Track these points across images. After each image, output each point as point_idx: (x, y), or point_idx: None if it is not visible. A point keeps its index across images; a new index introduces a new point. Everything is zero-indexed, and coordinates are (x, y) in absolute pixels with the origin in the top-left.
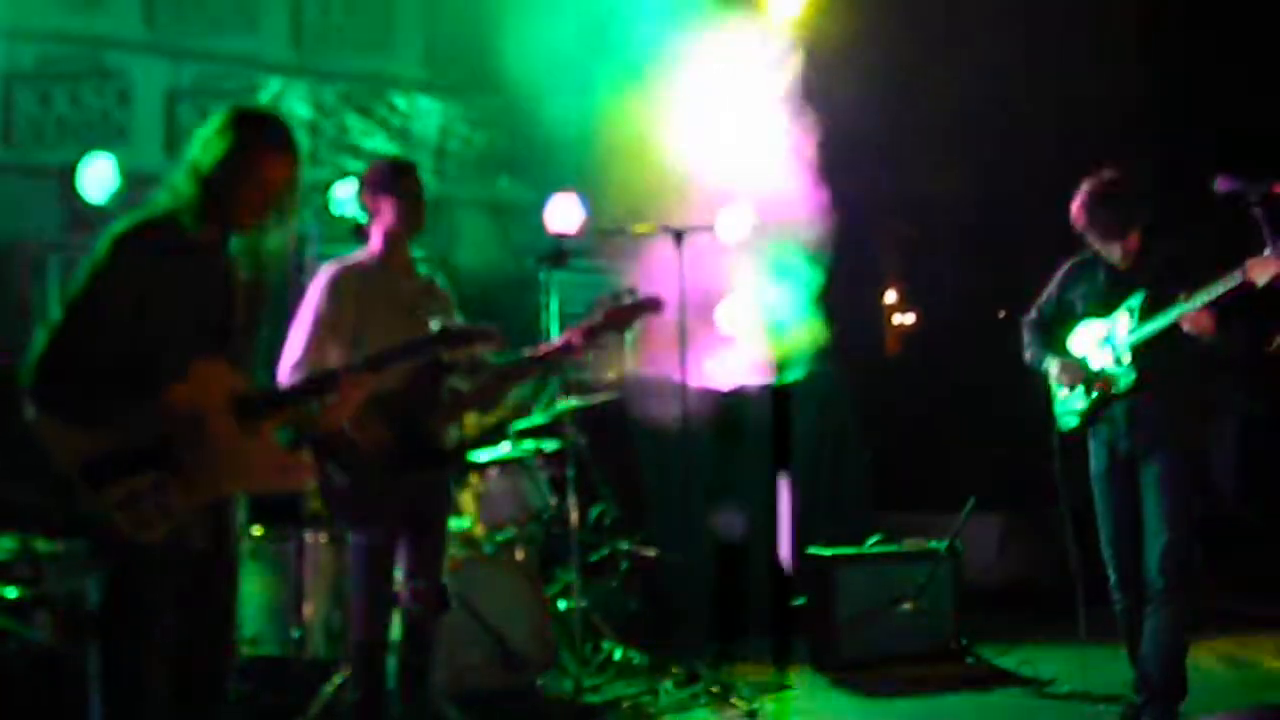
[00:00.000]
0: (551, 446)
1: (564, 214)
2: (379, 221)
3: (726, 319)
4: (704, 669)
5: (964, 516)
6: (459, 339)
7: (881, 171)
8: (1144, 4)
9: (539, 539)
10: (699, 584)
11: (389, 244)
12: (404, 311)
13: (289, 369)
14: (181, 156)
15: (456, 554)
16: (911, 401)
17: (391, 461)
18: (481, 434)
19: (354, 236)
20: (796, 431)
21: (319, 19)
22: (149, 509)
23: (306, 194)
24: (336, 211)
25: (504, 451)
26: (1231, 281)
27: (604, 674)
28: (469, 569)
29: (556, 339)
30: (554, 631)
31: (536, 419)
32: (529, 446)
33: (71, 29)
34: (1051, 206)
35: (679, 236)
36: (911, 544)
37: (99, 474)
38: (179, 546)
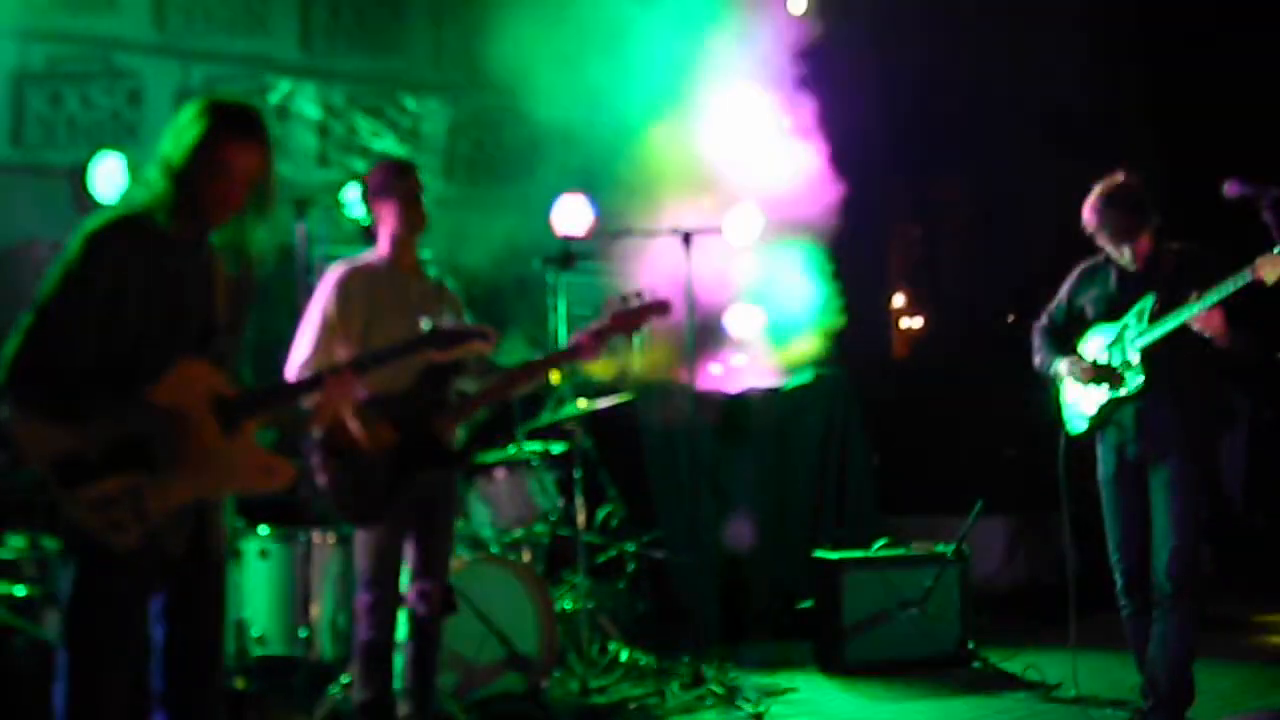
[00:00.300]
0: (559, 448)
1: (572, 216)
2: (383, 223)
3: (735, 322)
4: (710, 671)
5: (971, 520)
6: (450, 339)
7: (891, 175)
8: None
9: (546, 540)
10: (705, 586)
11: (395, 246)
12: (411, 313)
13: (296, 368)
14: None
15: (463, 555)
16: (919, 405)
17: (398, 462)
18: (487, 434)
19: (363, 238)
20: (804, 435)
21: (328, 20)
22: (122, 512)
23: (316, 195)
24: (346, 213)
25: (511, 453)
26: (1241, 280)
27: (610, 675)
28: (476, 570)
29: (565, 341)
30: (560, 633)
31: (544, 420)
32: (536, 448)
33: (82, 29)
34: (1062, 210)
35: (687, 238)
36: (919, 547)
37: (72, 475)
38: (154, 549)
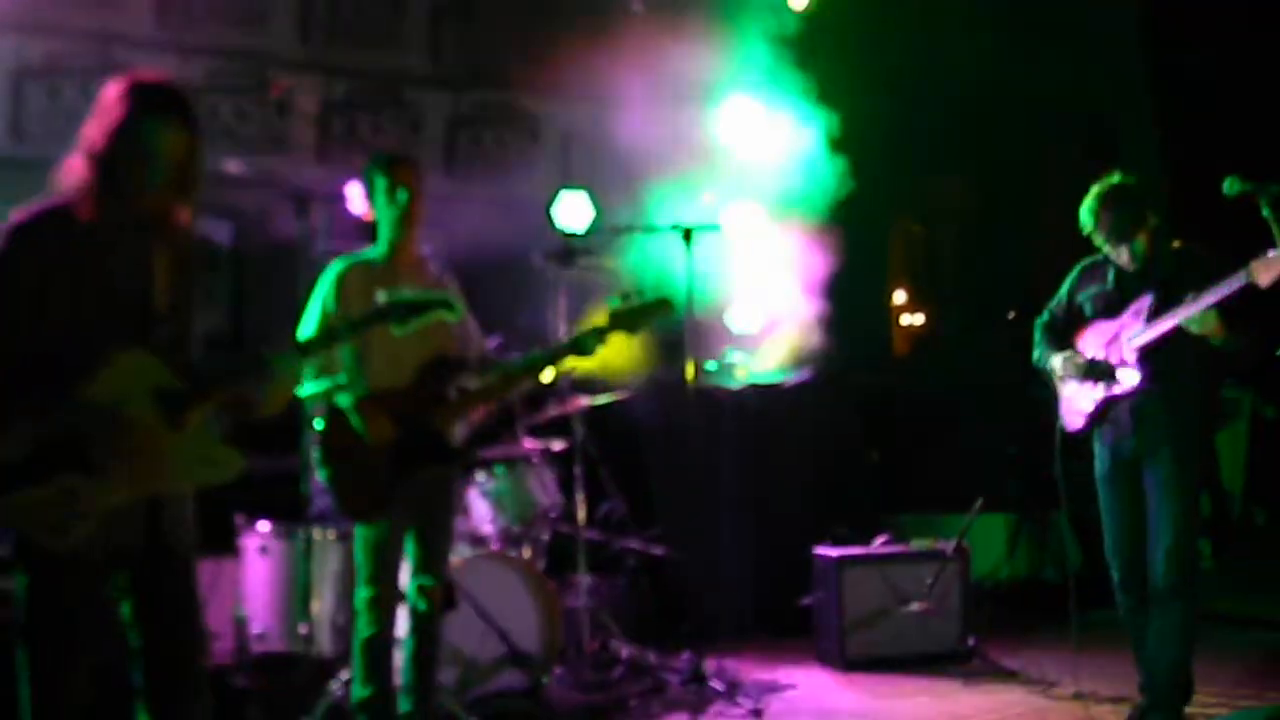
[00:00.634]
0: (559, 444)
1: (573, 211)
2: (382, 219)
3: (735, 318)
4: (710, 667)
5: (972, 517)
6: (407, 310)
7: (891, 171)
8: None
9: (546, 537)
10: (706, 582)
11: (393, 240)
12: None
13: None
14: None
15: (463, 551)
16: (919, 402)
17: (398, 458)
18: (488, 431)
19: (363, 233)
20: (804, 431)
21: (328, 15)
22: (59, 514)
23: (317, 191)
24: (347, 209)
25: (512, 449)
26: (1235, 283)
27: (610, 672)
28: (476, 566)
29: (566, 339)
30: (561, 629)
31: (545, 417)
32: (537, 444)
33: (81, 25)
34: (1063, 207)
35: (688, 235)
36: (919, 544)
37: (5, 482)
38: (103, 548)
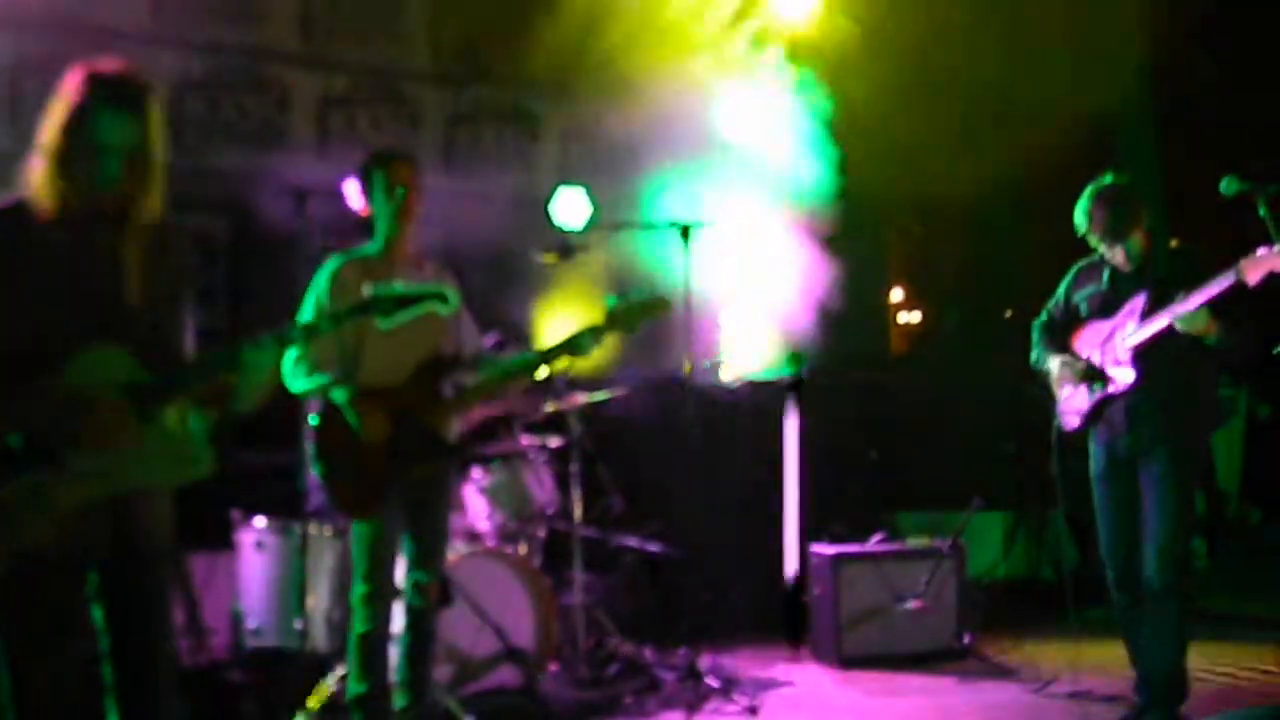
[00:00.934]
0: (556, 441)
1: (571, 208)
2: (379, 214)
3: (732, 315)
4: (706, 664)
5: (968, 515)
6: (394, 303)
7: (890, 169)
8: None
9: (542, 534)
10: (702, 580)
11: (390, 236)
12: None
13: (290, 359)
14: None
15: (459, 548)
16: (916, 400)
17: (393, 455)
18: (484, 428)
19: (360, 229)
20: (801, 429)
21: (328, 10)
22: (25, 512)
23: (315, 187)
24: (346, 204)
25: (508, 446)
26: (1225, 281)
27: (606, 669)
28: (471, 563)
29: (562, 337)
30: (556, 626)
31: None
32: (533, 441)
33: (80, 20)
34: (1060, 206)
35: (685, 232)
36: (915, 542)
37: None
38: (70, 545)
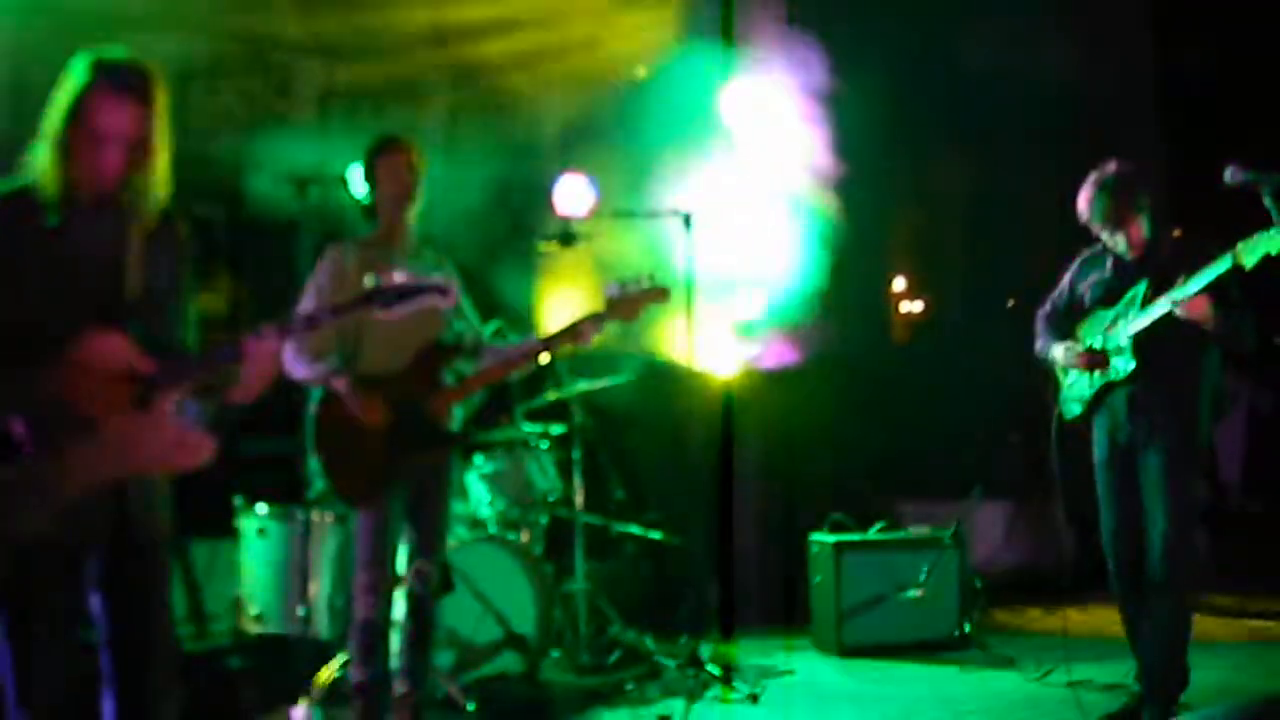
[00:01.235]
0: (558, 429)
1: (573, 196)
2: (380, 200)
3: (734, 304)
4: (707, 652)
5: (970, 504)
6: (396, 295)
7: (891, 158)
8: None
9: (544, 521)
10: (703, 567)
11: (391, 222)
12: None
13: (291, 347)
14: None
15: (461, 535)
16: (918, 389)
17: (394, 443)
18: (485, 415)
19: (364, 217)
20: (802, 417)
21: None
22: (20, 498)
23: (317, 174)
24: (348, 191)
25: (510, 433)
26: (1222, 265)
27: (607, 656)
28: (473, 550)
29: (563, 324)
30: (558, 613)
31: (543, 401)
32: (535, 429)
33: (82, 6)
34: (1064, 195)
35: (687, 220)
36: (916, 531)
37: None
38: (69, 533)
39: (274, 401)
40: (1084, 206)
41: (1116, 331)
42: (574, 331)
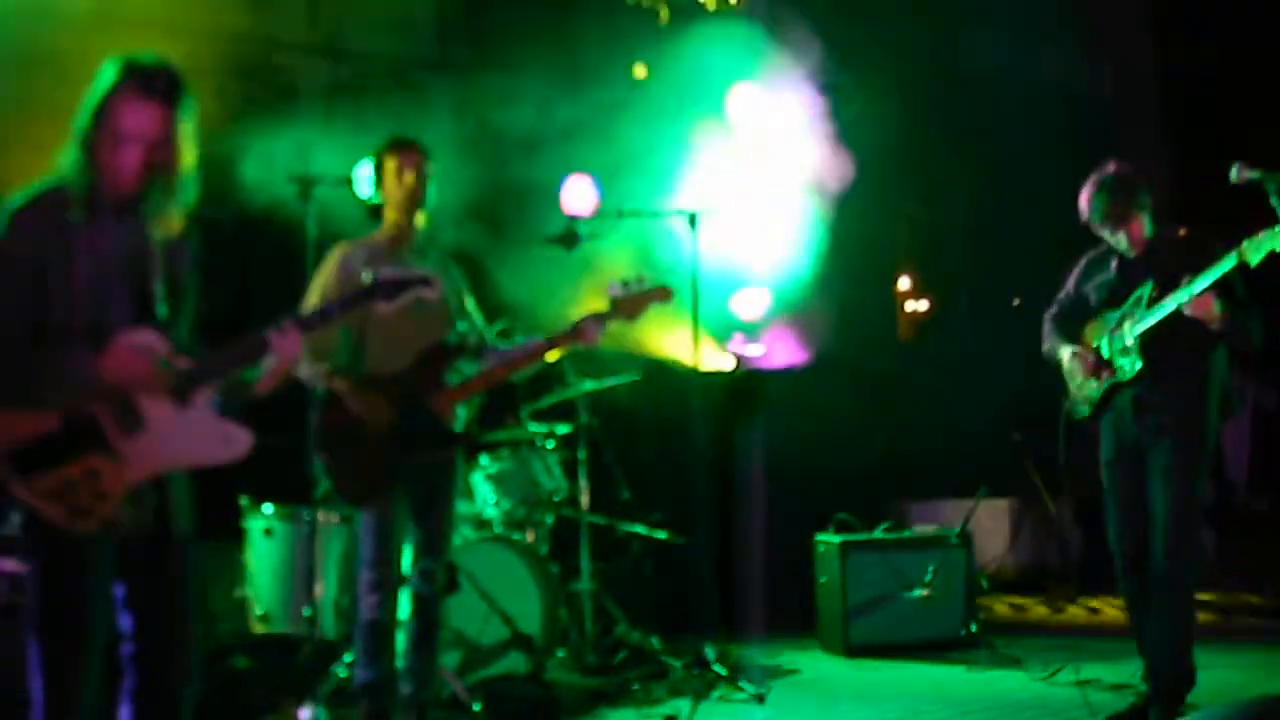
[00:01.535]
0: (563, 429)
1: (578, 196)
2: (386, 200)
3: (740, 303)
4: (713, 652)
5: (976, 503)
6: (394, 288)
7: (897, 157)
8: None
9: (549, 521)
10: (709, 567)
11: (397, 223)
12: None
13: None
14: None
15: (467, 535)
16: (924, 388)
17: (397, 442)
18: (490, 415)
19: (370, 216)
20: (808, 417)
21: None
22: (83, 496)
23: (323, 174)
24: (354, 192)
25: (515, 433)
26: (1228, 263)
27: (613, 656)
28: (479, 550)
29: (567, 324)
30: (563, 613)
31: (549, 401)
32: (540, 428)
33: (88, 7)
34: (1069, 194)
35: (693, 220)
36: (922, 530)
37: (27, 464)
38: (116, 531)
39: (279, 400)
40: (1085, 206)
41: (1123, 332)
42: (578, 331)
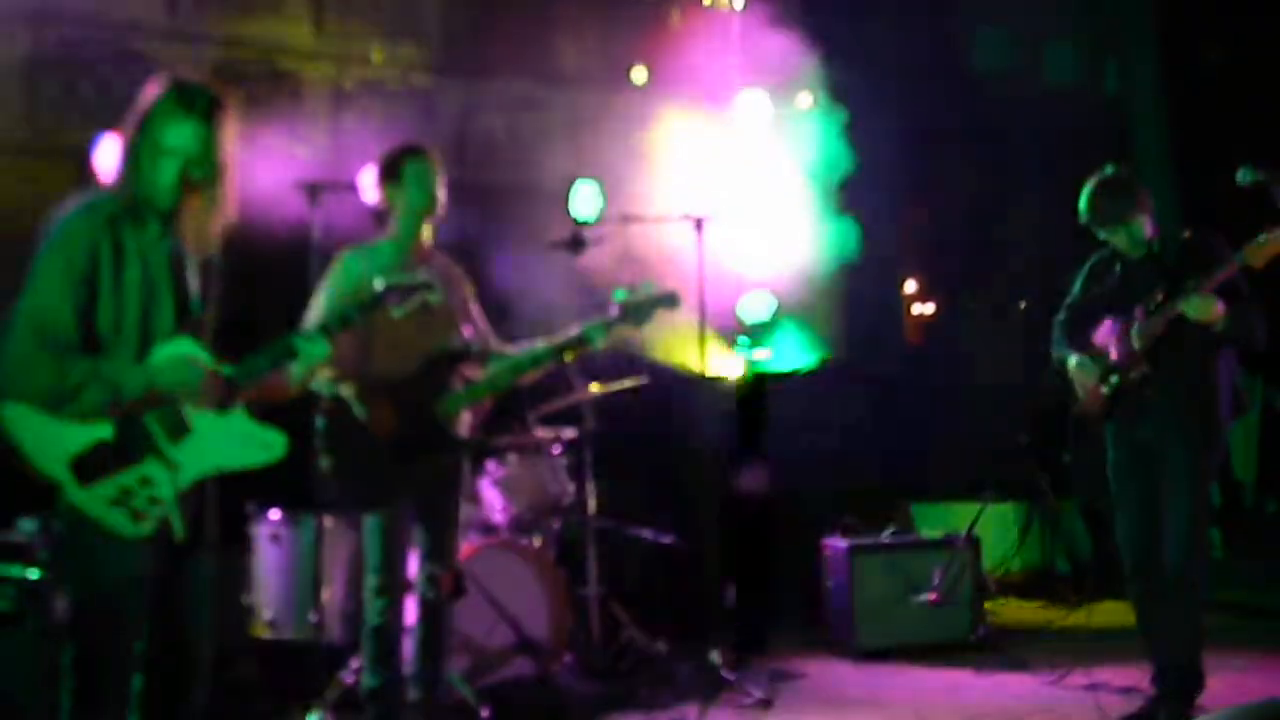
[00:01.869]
0: (570, 433)
1: (584, 201)
2: (396, 207)
3: (746, 308)
4: (720, 657)
5: (983, 506)
6: (405, 292)
7: (903, 161)
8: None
9: (557, 525)
10: (716, 571)
11: (404, 228)
12: None
13: None
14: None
15: (474, 540)
16: (931, 391)
17: (403, 448)
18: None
19: (376, 222)
20: (815, 421)
21: (341, 3)
22: (140, 501)
23: (329, 180)
24: (360, 197)
25: (522, 438)
26: (1231, 267)
27: (620, 661)
28: (486, 555)
29: (573, 330)
30: (571, 618)
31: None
32: (547, 433)
33: (94, 14)
34: (1073, 200)
35: (699, 224)
36: (930, 534)
37: (86, 471)
38: (164, 535)
39: (285, 405)
40: (1085, 210)
41: (1130, 336)
42: (584, 337)
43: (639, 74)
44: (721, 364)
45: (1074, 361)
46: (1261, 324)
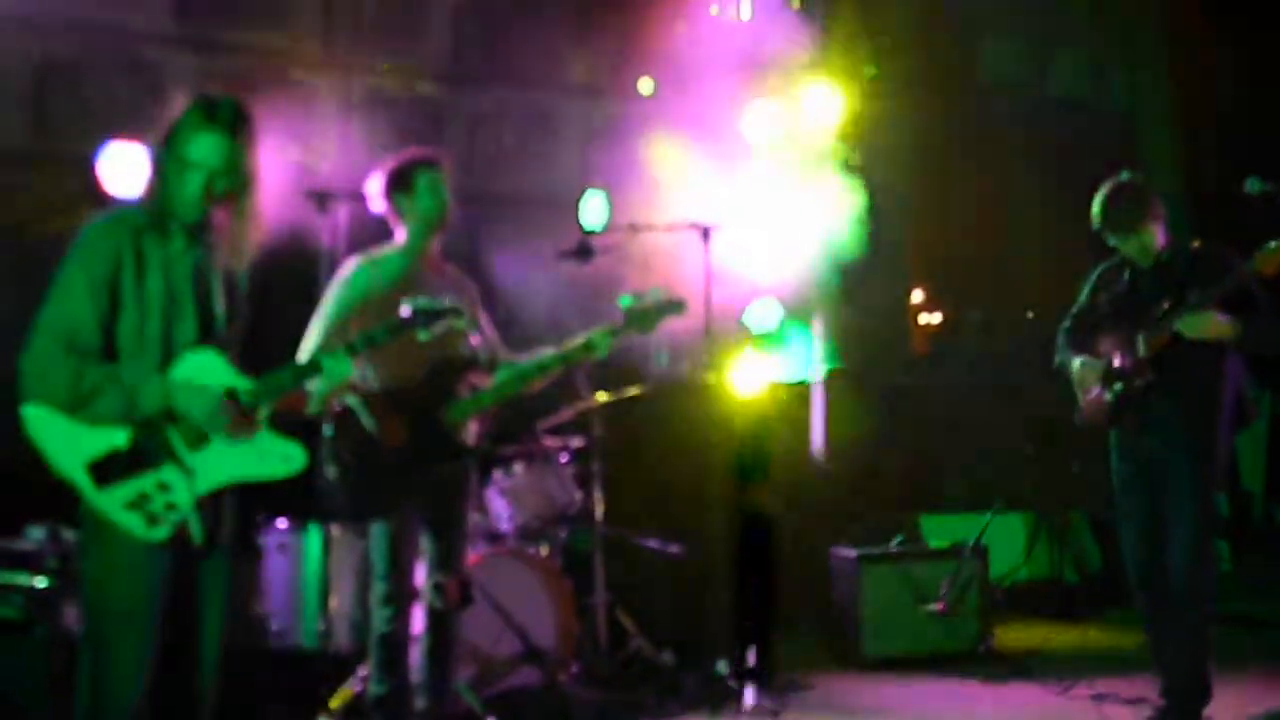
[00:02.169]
0: (577, 442)
1: (592, 211)
2: (405, 216)
3: (753, 317)
4: (727, 666)
5: (990, 516)
6: (432, 316)
7: (910, 171)
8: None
9: (563, 534)
10: (723, 580)
11: (413, 238)
12: None
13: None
14: None
15: (481, 548)
16: (938, 401)
17: (409, 456)
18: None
19: (383, 232)
20: (821, 429)
21: (351, 13)
22: (157, 505)
23: (337, 189)
24: (369, 206)
25: (530, 446)
26: (1239, 276)
27: (627, 670)
28: (493, 563)
29: (580, 337)
30: (578, 626)
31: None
32: (554, 442)
33: (103, 22)
34: (1080, 208)
35: (706, 234)
36: (937, 544)
37: (106, 474)
38: (181, 540)
39: (293, 415)
40: (1097, 217)
41: (1136, 346)
42: (590, 345)
43: (646, 84)
44: (729, 372)
45: (1078, 363)
46: (1274, 328)
